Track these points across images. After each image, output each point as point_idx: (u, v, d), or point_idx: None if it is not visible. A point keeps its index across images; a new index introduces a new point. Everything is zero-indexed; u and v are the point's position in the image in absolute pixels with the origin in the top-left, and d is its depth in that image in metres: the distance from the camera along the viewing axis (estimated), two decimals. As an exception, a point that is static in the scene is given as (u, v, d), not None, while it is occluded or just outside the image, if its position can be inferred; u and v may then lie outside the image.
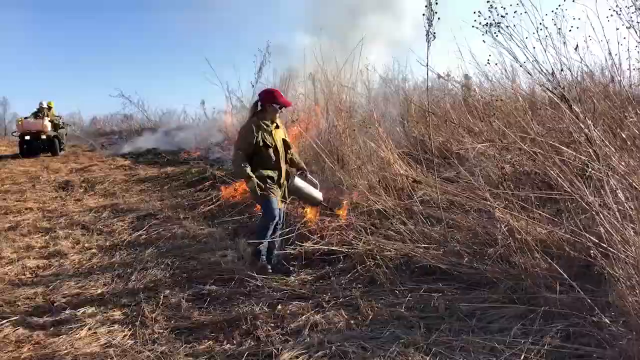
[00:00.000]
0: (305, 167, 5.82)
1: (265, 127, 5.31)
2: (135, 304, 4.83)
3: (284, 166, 5.47)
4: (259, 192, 5.21)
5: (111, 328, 4.36)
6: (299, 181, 5.60)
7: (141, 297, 4.91)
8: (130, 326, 4.38)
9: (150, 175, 12.88)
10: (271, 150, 5.32)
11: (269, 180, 5.33)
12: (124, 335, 4.21)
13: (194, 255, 6.17)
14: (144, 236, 7.28)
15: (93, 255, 6.54)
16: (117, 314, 4.64)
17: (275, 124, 5.44)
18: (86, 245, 7.00)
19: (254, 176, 5.19)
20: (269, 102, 5.34)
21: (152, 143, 18.62)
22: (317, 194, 5.79)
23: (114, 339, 4.13)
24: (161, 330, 4.26)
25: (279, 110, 5.44)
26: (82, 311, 4.69)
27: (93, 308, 4.76)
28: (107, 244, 7.04)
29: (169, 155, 16.24)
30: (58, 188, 11.72)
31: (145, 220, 8.15)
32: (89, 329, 4.32)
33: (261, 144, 5.25)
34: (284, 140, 5.54)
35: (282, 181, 5.47)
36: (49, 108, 22.46)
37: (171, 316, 4.52)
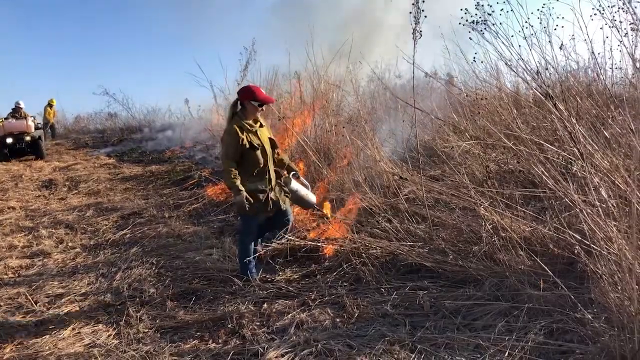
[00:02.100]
0: (295, 168, 5.44)
1: (248, 127, 4.89)
2: (120, 303, 4.79)
3: (272, 167, 5.08)
4: (246, 207, 4.79)
5: (95, 328, 4.33)
6: (294, 184, 5.28)
7: (126, 297, 4.88)
8: (114, 326, 4.35)
9: (134, 173, 12.78)
10: (259, 152, 4.89)
11: (260, 195, 4.91)
12: (109, 335, 4.18)
13: (179, 254, 6.14)
14: (128, 235, 7.22)
15: (77, 254, 6.48)
16: (101, 314, 4.61)
17: (259, 123, 5.05)
18: (70, 244, 6.93)
19: (244, 190, 4.78)
20: (248, 99, 4.90)
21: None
22: (312, 197, 5.49)
23: (98, 339, 4.10)
24: (146, 330, 4.23)
25: (261, 108, 4.99)
26: (65, 311, 4.66)
27: (77, 308, 4.73)
28: (91, 243, 6.98)
29: (154, 153, 16.14)
30: (41, 187, 11.59)
31: (129, 219, 8.09)
32: (73, 328, 4.30)
33: (247, 146, 4.82)
34: (270, 140, 5.17)
35: (272, 185, 5.06)
36: (51, 105, 22.18)
37: (156, 315, 4.49)
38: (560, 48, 5.51)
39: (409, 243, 5.10)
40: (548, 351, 3.33)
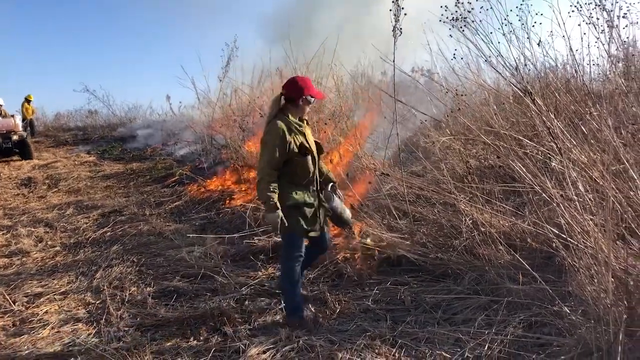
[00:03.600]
0: (334, 178, 4.39)
1: (297, 127, 3.95)
2: (100, 301, 4.76)
3: (319, 177, 4.15)
4: (278, 230, 3.91)
5: (75, 327, 4.30)
6: (337, 202, 4.28)
7: (106, 295, 4.84)
8: (94, 324, 4.32)
9: (115, 171, 12.69)
10: (309, 158, 3.97)
11: (307, 210, 3.97)
12: (88, 334, 4.15)
13: (160, 252, 6.10)
14: (109, 233, 7.17)
15: (56, 253, 6.41)
16: (81, 312, 4.57)
17: (305, 121, 4.13)
18: (49, 243, 6.86)
19: (280, 209, 3.82)
20: (299, 94, 3.93)
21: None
22: (349, 214, 4.49)
23: (77, 338, 4.07)
24: (126, 328, 4.21)
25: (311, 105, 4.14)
26: (44, 310, 4.61)
27: (56, 307, 4.68)
28: (71, 241, 6.91)
29: (135, 151, 16.01)
30: (20, 185, 11.44)
31: (110, 217, 8.03)
32: (52, 328, 4.26)
33: (296, 149, 3.89)
34: (316, 143, 4.18)
35: (320, 202, 4.12)
36: (28, 101, 21.61)
37: (137, 313, 4.47)
38: (539, 44, 5.56)
39: (390, 238, 5.12)
40: (526, 344, 3.38)
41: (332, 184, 4.29)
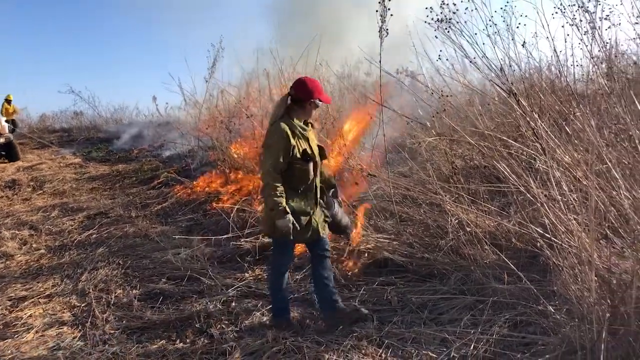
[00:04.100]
0: (336, 184, 4.26)
1: (300, 131, 3.80)
2: (86, 304, 4.73)
3: (319, 183, 4.00)
4: (290, 235, 3.72)
5: (60, 330, 4.26)
6: (338, 209, 4.17)
7: (92, 298, 4.81)
8: (80, 327, 4.29)
9: (101, 173, 12.59)
10: (311, 164, 3.82)
11: (302, 218, 3.82)
12: (74, 337, 4.12)
13: (146, 254, 6.07)
14: (94, 235, 7.11)
15: (41, 256, 6.35)
16: (66, 316, 4.53)
17: (310, 125, 3.98)
18: (34, 245, 6.79)
19: (290, 214, 3.69)
20: (308, 97, 3.80)
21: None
22: (348, 221, 4.36)
23: (62, 341, 4.03)
24: (112, 331, 4.18)
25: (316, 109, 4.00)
26: (28, 314, 4.57)
27: (40, 310, 4.64)
28: (57, 244, 6.85)
29: (121, 152, 15.91)
30: (4, 187, 11.29)
31: (96, 219, 7.97)
32: (36, 331, 4.22)
33: (298, 155, 3.75)
34: (319, 147, 4.04)
35: (316, 209, 3.95)
36: (8, 101, 21.16)
37: (122, 316, 4.44)
38: (523, 45, 5.60)
39: (377, 238, 5.14)
40: (512, 343, 3.40)
41: (333, 189, 4.17)
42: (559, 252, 3.44)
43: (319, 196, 3.98)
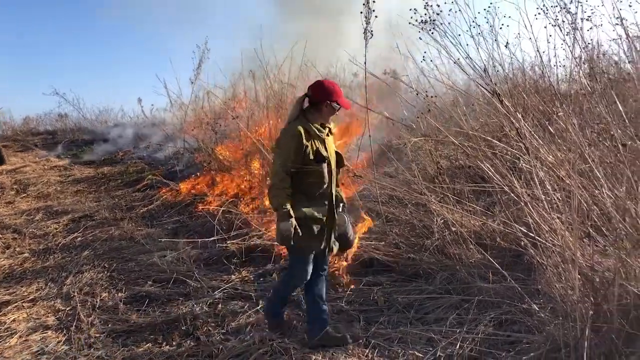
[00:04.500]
0: (344, 199, 4.01)
1: (317, 132, 3.62)
2: (70, 308, 4.68)
3: (334, 192, 3.76)
4: (292, 241, 3.53)
5: (44, 334, 4.22)
6: (349, 226, 3.97)
7: (77, 301, 4.76)
8: (64, 331, 4.25)
9: (86, 175, 12.48)
10: (325, 167, 3.65)
11: (314, 227, 3.62)
12: (58, 342, 4.08)
13: (132, 257, 6.02)
14: (79, 238, 7.05)
15: (25, 259, 6.28)
16: (50, 320, 4.49)
17: (328, 129, 3.75)
18: (17, 249, 6.71)
19: (293, 218, 3.50)
20: (326, 99, 3.62)
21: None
22: (354, 238, 4.12)
23: (46, 346, 4.00)
24: (97, 335, 4.15)
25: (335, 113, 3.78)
26: (12, 318, 4.51)
27: (24, 314, 4.59)
28: (41, 247, 6.78)
29: (106, 154, 15.79)
30: (-13, 191, 11.18)
31: (81, 222, 7.90)
32: (20, 336, 4.17)
33: (312, 156, 3.57)
34: (337, 154, 3.84)
35: (332, 219, 3.75)
36: None
37: (108, 319, 4.41)
38: (506, 46, 5.64)
39: (364, 239, 5.15)
40: (497, 342, 3.43)
41: (342, 204, 3.91)
42: (542, 251, 3.48)
43: (334, 206, 3.75)
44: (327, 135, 3.72)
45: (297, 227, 3.50)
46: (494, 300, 3.85)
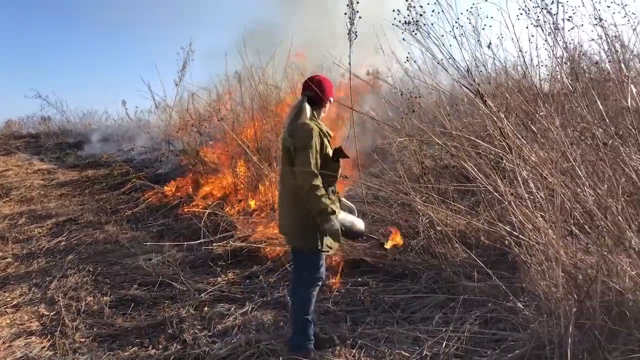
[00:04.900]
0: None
1: (326, 131, 3.54)
2: (55, 313, 4.64)
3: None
4: (340, 239, 3.49)
5: (28, 340, 4.17)
6: (356, 213, 3.86)
7: (61, 306, 4.72)
8: (49, 336, 4.21)
9: (70, 178, 12.36)
10: (340, 164, 3.57)
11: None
12: (42, 347, 4.04)
13: (117, 260, 5.99)
14: (64, 242, 6.99)
15: (8, 264, 6.21)
16: (34, 325, 4.45)
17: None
18: (0, 254, 6.63)
19: (338, 215, 3.40)
20: (329, 96, 3.58)
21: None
22: (360, 224, 3.75)
23: (30, 351, 3.95)
24: (83, 339, 4.12)
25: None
26: (-5, 324, 4.47)
27: (8, 320, 4.54)
28: (24, 252, 6.70)
29: (90, 157, 15.66)
30: (-32, 195, 11.04)
31: (65, 226, 7.83)
32: (3, 342, 4.12)
33: (330, 154, 3.50)
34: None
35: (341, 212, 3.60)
36: None
37: (93, 324, 4.38)
38: (489, 47, 5.68)
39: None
40: (483, 340, 3.46)
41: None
42: (526, 249, 3.51)
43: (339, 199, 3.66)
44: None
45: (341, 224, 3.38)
46: (479, 299, 3.88)
